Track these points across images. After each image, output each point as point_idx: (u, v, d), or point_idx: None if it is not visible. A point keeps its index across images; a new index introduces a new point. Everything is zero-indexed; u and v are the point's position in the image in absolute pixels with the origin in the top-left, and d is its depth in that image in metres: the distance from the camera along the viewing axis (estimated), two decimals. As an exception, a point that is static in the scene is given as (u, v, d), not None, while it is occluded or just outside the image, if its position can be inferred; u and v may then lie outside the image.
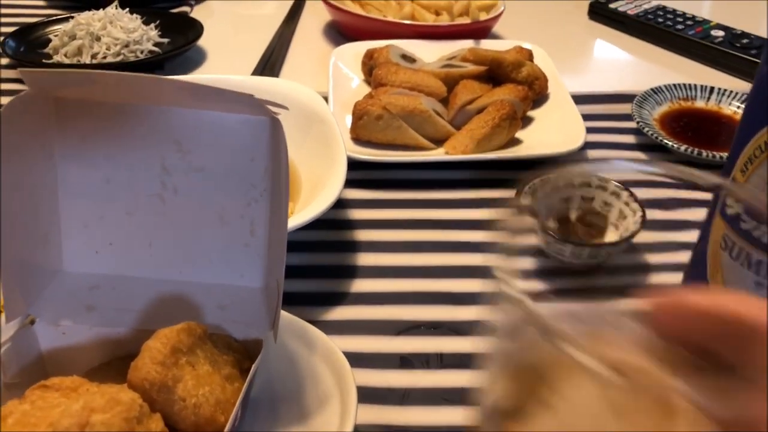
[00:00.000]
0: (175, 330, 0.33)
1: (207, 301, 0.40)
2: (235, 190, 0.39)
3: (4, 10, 0.95)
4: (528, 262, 0.54)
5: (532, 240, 0.56)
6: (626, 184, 0.56)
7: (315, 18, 0.96)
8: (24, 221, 0.37)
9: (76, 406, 0.29)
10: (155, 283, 0.40)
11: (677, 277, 0.52)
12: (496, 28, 0.90)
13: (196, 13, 0.97)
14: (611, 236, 0.56)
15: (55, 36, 0.81)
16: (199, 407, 0.32)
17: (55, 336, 0.38)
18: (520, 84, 0.69)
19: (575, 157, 0.65)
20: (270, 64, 0.80)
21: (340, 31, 0.91)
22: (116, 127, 0.37)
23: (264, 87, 0.61)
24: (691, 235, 0.57)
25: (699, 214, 0.60)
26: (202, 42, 0.84)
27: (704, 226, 0.36)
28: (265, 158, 0.38)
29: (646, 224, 0.53)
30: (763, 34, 0.86)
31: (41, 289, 0.39)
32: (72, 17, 0.82)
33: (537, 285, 0.52)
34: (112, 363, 0.38)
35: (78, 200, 0.39)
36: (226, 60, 0.85)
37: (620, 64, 0.88)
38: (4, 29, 0.86)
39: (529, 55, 0.75)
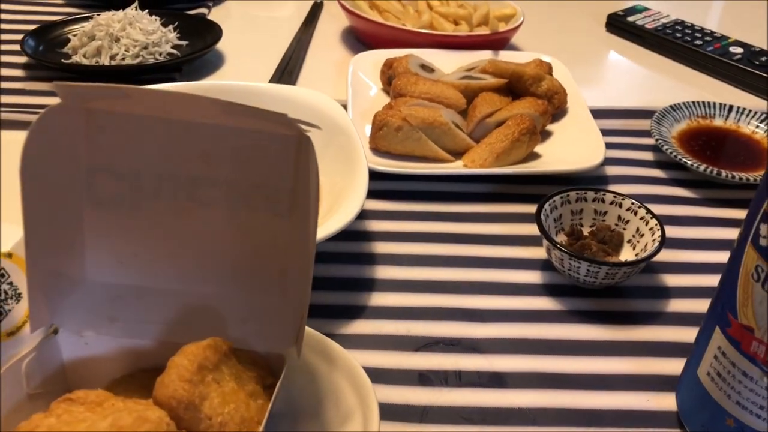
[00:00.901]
0: (202, 346, 0.33)
1: (230, 314, 0.40)
2: (260, 205, 0.39)
3: (24, 8, 0.95)
4: (536, 277, 0.54)
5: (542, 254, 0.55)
6: (642, 200, 0.56)
7: (332, 23, 0.96)
8: (50, 229, 0.37)
9: (104, 423, 0.29)
10: (178, 295, 0.40)
11: (701, 304, 0.51)
12: (513, 39, 0.90)
13: (213, 14, 0.97)
14: (627, 255, 0.55)
15: (74, 36, 0.81)
16: (224, 425, 0.32)
17: (78, 346, 0.38)
18: (540, 98, 0.69)
19: (594, 173, 0.65)
20: (288, 70, 0.80)
21: (358, 38, 0.91)
22: (145, 138, 0.37)
23: (285, 95, 0.61)
24: (712, 256, 0.57)
25: (720, 233, 0.60)
26: (220, 45, 0.84)
27: (734, 254, 0.35)
28: (292, 175, 0.38)
29: (666, 243, 0.52)
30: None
31: (64, 298, 0.38)
32: (91, 17, 0.82)
33: (547, 303, 0.52)
34: (135, 375, 0.38)
35: (103, 209, 0.39)
36: (243, 64, 0.85)
37: (637, 77, 0.88)
38: (24, 27, 0.86)
39: (549, 69, 0.75)
